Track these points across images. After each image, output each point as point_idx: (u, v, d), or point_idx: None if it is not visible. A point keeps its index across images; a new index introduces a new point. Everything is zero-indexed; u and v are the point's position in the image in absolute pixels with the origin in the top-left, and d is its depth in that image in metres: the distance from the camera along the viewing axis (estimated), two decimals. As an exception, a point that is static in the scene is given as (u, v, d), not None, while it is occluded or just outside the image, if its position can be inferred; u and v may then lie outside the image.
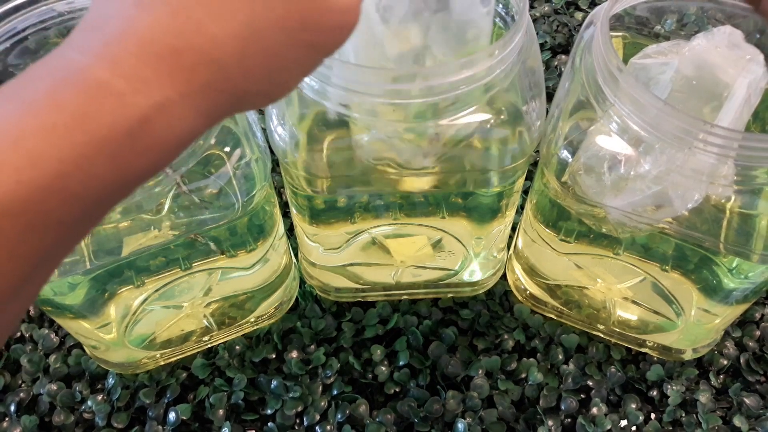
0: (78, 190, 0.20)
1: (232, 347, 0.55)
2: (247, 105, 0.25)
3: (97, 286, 0.45)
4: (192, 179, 0.39)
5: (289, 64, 0.24)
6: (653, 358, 0.54)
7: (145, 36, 0.21)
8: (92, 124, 0.20)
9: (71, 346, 0.55)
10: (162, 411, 0.52)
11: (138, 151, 0.21)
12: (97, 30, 0.21)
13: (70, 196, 0.20)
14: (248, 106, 0.25)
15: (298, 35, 0.23)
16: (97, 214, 0.22)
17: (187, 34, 0.21)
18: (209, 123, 0.23)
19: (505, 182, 0.45)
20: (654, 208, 0.40)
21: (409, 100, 0.37)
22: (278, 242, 0.51)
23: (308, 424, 0.51)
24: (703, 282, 0.47)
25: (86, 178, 0.20)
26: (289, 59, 0.24)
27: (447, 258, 0.54)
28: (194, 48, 0.21)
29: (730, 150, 0.35)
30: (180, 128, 0.22)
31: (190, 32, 0.21)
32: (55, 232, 0.20)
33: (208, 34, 0.21)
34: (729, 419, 0.52)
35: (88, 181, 0.20)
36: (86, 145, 0.20)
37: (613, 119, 0.38)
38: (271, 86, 0.25)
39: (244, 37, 0.22)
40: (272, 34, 0.23)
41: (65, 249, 0.22)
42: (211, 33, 0.21)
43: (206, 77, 0.21)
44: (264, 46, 0.23)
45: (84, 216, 0.21)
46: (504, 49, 0.36)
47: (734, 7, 0.41)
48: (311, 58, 0.25)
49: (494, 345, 0.55)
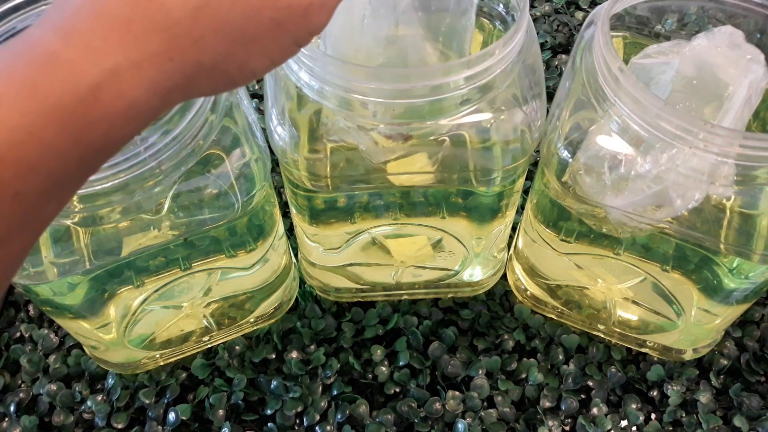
0: (33, 160, 0.20)
1: (231, 347, 0.55)
2: (205, 84, 0.24)
3: (96, 286, 0.45)
4: (192, 179, 0.39)
5: (251, 42, 0.24)
6: (653, 359, 0.54)
7: (99, 8, 0.21)
8: (42, 92, 0.20)
9: (71, 346, 0.55)
10: (162, 411, 0.52)
11: (90, 120, 0.21)
12: (58, 8, 0.22)
13: (25, 167, 0.20)
14: (206, 84, 0.24)
15: (258, 11, 0.23)
16: (60, 192, 0.22)
17: (139, 4, 0.21)
18: (163, 99, 0.23)
19: (506, 182, 0.45)
20: (654, 207, 0.40)
21: (409, 100, 0.37)
22: (278, 242, 0.51)
23: (308, 425, 0.51)
24: (703, 282, 0.47)
25: (40, 147, 0.20)
26: (249, 35, 0.23)
27: (447, 258, 0.54)
28: (145, 17, 0.21)
29: (731, 150, 0.35)
30: (131, 97, 0.22)
31: (143, 2, 0.21)
32: (13, 206, 0.20)
33: (160, 3, 0.22)
34: (729, 419, 0.51)
35: (42, 151, 0.20)
36: (37, 113, 0.20)
37: (614, 119, 0.38)
38: (231, 64, 0.24)
39: (196, 6, 0.22)
40: (227, 5, 0.22)
41: (29, 230, 0.22)
42: (163, 2, 0.22)
43: (157, 45, 0.22)
44: (218, 17, 0.22)
45: (45, 192, 0.21)
46: (504, 49, 0.36)
47: (735, 6, 0.41)
48: (279, 40, 0.24)
49: (494, 345, 0.55)
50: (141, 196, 0.37)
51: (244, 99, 0.42)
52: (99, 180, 0.34)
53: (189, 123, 0.36)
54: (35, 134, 0.20)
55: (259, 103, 0.68)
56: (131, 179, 0.35)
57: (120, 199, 0.36)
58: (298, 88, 0.39)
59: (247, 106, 0.42)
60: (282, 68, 0.39)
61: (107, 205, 0.37)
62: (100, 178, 0.34)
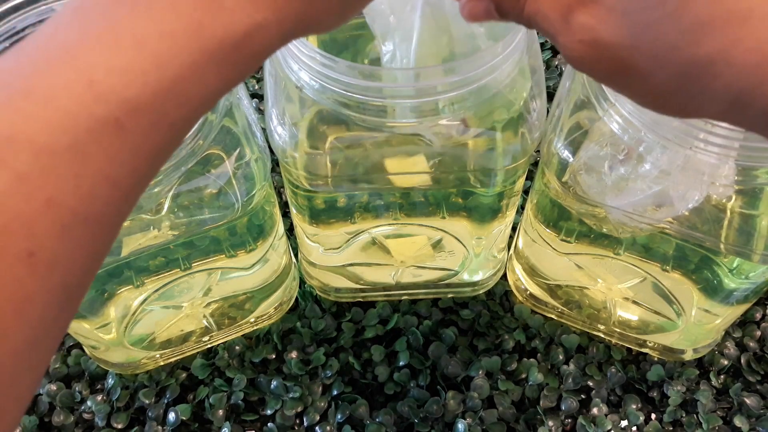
0: (191, 94, 0.21)
1: (231, 347, 0.54)
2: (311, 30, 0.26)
3: (96, 287, 0.45)
4: (192, 179, 0.39)
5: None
6: (654, 359, 0.54)
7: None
8: (207, 33, 0.21)
9: (71, 346, 0.55)
10: (162, 411, 0.52)
11: (237, 62, 0.22)
12: None
13: (184, 100, 0.21)
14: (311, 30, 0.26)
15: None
16: (189, 125, 0.23)
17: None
18: (282, 46, 0.25)
19: (506, 182, 0.45)
20: (655, 207, 0.40)
21: (410, 100, 0.37)
22: (278, 242, 0.51)
23: (308, 425, 0.51)
24: (703, 282, 0.47)
25: (198, 83, 0.21)
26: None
27: (447, 258, 0.54)
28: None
29: (731, 150, 0.35)
30: (270, 46, 0.23)
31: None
32: (168, 134, 0.22)
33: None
34: (729, 419, 0.51)
35: (198, 87, 0.21)
36: (201, 52, 0.21)
37: (614, 119, 0.38)
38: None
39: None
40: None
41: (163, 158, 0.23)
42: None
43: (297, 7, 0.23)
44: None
45: (185, 123, 0.22)
46: (505, 49, 0.36)
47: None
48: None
49: (494, 345, 0.55)
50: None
51: (244, 99, 0.42)
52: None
53: (189, 123, 0.36)
54: (198, 72, 0.21)
55: (259, 103, 0.68)
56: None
57: (120, 199, 0.36)
58: (298, 87, 0.39)
59: (247, 106, 0.42)
60: (282, 68, 0.39)
61: (107, 205, 0.37)
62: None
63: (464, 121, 0.40)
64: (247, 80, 0.70)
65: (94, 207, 0.20)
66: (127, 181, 0.21)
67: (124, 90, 0.20)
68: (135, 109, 0.20)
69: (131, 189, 0.21)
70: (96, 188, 0.20)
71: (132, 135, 0.20)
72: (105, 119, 0.20)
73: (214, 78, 0.22)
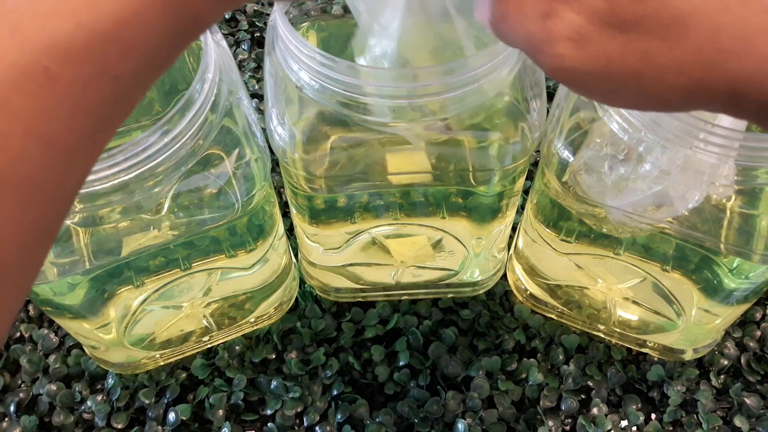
0: (135, 41, 0.19)
1: (231, 347, 0.54)
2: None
3: (96, 287, 0.45)
4: (192, 179, 0.39)
5: None
6: (654, 359, 0.54)
7: None
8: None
9: (71, 347, 0.55)
10: (162, 411, 0.52)
11: (186, 5, 0.20)
12: None
13: (127, 47, 0.19)
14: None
15: None
16: (141, 82, 0.21)
17: None
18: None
19: (506, 182, 0.45)
20: (655, 207, 0.40)
21: (410, 100, 0.37)
22: (278, 242, 0.51)
23: (308, 425, 0.51)
24: (703, 282, 0.47)
25: (141, 27, 0.19)
26: None
27: (447, 258, 0.54)
28: None
29: (731, 150, 0.35)
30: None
31: None
32: (113, 89, 0.19)
33: None
34: (729, 419, 0.51)
35: (142, 32, 0.19)
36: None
37: (614, 119, 0.38)
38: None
39: None
40: None
41: (121, 116, 0.21)
42: None
43: None
44: None
45: (133, 78, 0.20)
46: (505, 48, 0.36)
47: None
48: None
49: (494, 345, 0.55)
50: (141, 196, 0.37)
51: (244, 99, 0.42)
52: (99, 180, 0.34)
53: (189, 123, 0.36)
54: (140, 12, 0.19)
55: (259, 103, 0.68)
56: (131, 179, 0.35)
57: (120, 199, 0.36)
58: (298, 88, 0.39)
59: (247, 106, 0.42)
60: (282, 68, 0.39)
61: (107, 205, 0.37)
62: (100, 178, 0.34)
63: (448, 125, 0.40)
64: (247, 80, 0.70)
65: (27, 170, 0.18)
66: (64, 140, 0.18)
67: (53, 34, 0.18)
68: (67, 57, 0.18)
69: (72, 151, 0.19)
70: (28, 149, 0.18)
71: (67, 87, 0.18)
72: (31, 67, 0.17)
73: (159, 20, 0.19)
